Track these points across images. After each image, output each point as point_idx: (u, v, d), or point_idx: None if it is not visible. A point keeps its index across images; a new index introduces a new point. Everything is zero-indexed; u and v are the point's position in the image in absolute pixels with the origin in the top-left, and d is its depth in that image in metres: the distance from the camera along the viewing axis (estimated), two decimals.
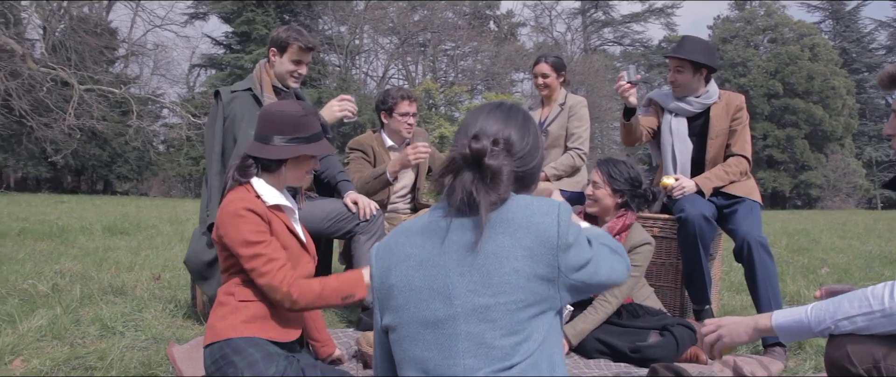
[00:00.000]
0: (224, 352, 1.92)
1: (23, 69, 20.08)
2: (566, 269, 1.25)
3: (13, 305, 3.13)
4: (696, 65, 3.18)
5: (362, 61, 38.01)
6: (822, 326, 1.50)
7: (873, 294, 1.45)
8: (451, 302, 1.24)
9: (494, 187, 1.26)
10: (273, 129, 2.05)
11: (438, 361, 1.25)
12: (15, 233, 6.33)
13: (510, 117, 1.40)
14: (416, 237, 1.33)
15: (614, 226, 2.85)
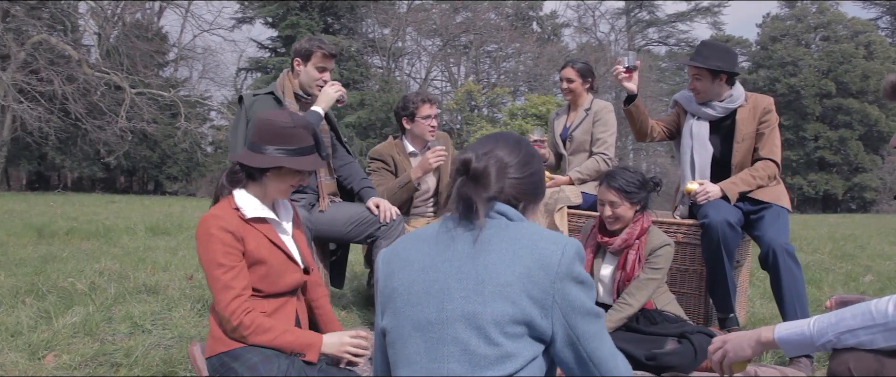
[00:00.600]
0: (223, 361, 1.95)
1: (78, 74, 20.90)
2: (563, 303, 1.26)
3: (51, 302, 3.27)
4: (713, 72, 3.12)
5: (405, 63, 38.29)
6: (824, 339, 1.47)
7: (876, 307, 1.41)
8: (443, 306, 1.28)
9: (484, 185, 1.34)
10: (260, 137, 2.05)
11: (426, 364, 1.28)
12: (64, 232, 6.61)
13: (500, 139, 1.46)
14: (422, 244, 1.39)
15: (633, 233, 2.80)
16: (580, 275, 1.29)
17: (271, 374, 1.89)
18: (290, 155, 2.03)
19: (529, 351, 1.25)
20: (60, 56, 21.29)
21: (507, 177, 1.39)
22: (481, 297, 1.25)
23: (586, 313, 1.28)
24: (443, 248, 1.34)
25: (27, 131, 20.79)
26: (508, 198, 1.40)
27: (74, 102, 20.45)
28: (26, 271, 4.18)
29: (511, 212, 1.37)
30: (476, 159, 1.37)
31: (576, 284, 1.28)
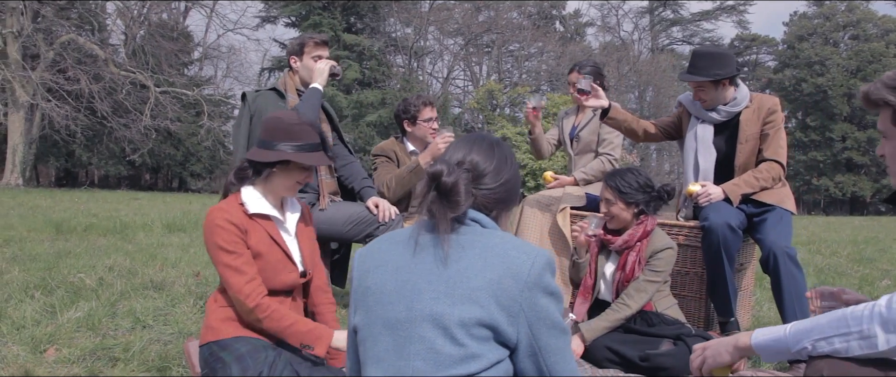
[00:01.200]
0: (212, 351, 1.99)
1: (105, 73, 21.30)
2: (530, 312, 1.27)
3: (59, 297, 3.34)
4: (713, 81, 3.08)
5: (427, 62, 38.36)
6: (800, 346, 1.44)
7: (852, 314, 1.38)
8: (412, 306, 1.29)
9: (454, 203, 1.34)
10: (267, 134, 2.09)
11: (393, 361, 1.29)
12: (82, 228, 6.74)
13: (475, 143, 1.46)
14: (397, 246, 1.41)
15: (634, 235, 2.79)
16: (549, 286, 1.29)
17: (258, 366, 1.92)
18: (297, 151, 2.07)
19: (494, 354, 1.27)
20: (87, 55, 21.73)
21: (480, 187, 1.40)
22: (450, 300, 1.26)
23: (552, 326, 1.29)
24: (417, 251, 1.36)
25: (55, 129, 21.24)
26: (481, 206, 1.40)
27: (100, 101, 20.86)
28: (39, 266, 4.27)
29: (484, 220, 1.38)
30: (447, 173, 1.36)
31: (545, 295, 1.28)
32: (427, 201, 1.35)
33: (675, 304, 2.89)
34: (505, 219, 1.49)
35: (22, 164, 20.83)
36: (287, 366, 1.95)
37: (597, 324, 2.70)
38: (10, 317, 2.96)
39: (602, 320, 2.70)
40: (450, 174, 1.35)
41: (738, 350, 1.54)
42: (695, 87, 3.14)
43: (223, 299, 2.08)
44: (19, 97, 19.98)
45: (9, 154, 20.72)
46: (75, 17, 23.15)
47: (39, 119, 21.86)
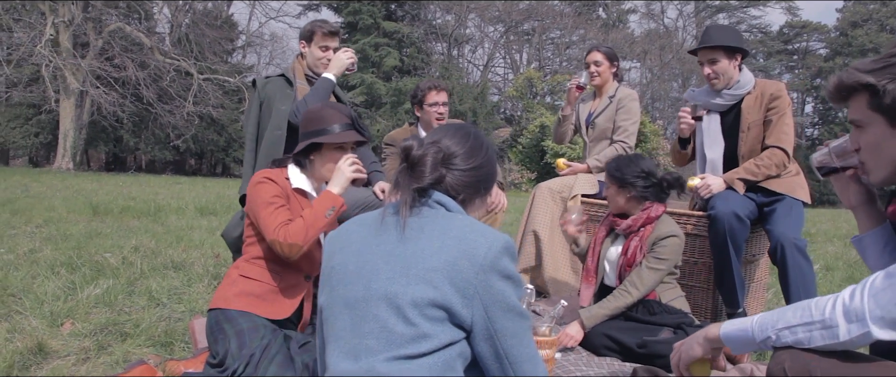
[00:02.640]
0: (218, 319, 2.10)
1: (150, 60, 21.91)
2: (484, 294, 1.28)
3: (82, 275, 3.49)
4: (728, 52, 3.03)
5: (467, 50, 38.28)
6: (764, 336, 1.42)
7: (817, 304, 1.36)
8: (369, 285, 1.32)
9: (418, 174, 1.38)
10: (302, 127, 2.31)
11: (350, 339, 1.32)
12: (118, 210, 6.98)
13: (452, 130, 1.49)
14: (362, 227, 1.44)
15: (638, 220, 2.78)
16: (506, 269, 1.30)
17: (253, 345, 2.00)
18: (317, 134, 2.24)
19: (447, 335, 1.28)
20: (134, 43, 22.38)
21: (450, 167, 1.42)
22: (405, 279, 1.28)
23: (508, 309, 1.30)
24: (379, 232, 1.39)
25: (103, 115, 21.96)
26: (448, 189, 1.42)
27: (146, 88, 21.49)
28: (70, 245, 4.46)
29: (450, 204, 1.40)
30: (416, 147, 1.40)
31: (500, 278, 1.29)
32: (397, 174, 1.40)
33: (681, 296, 2.84)
34: (475, 205, 1.51)
35: (72, 148, 21.60)
36: (281, 349, 2.03)
37: (596, 311, 2.69)
38: (34, 293, 3.11)
39: (602, 308, 2.69)
40: (419, 148, 1.39)
41: (708, 341, 1.53)
42: (707, 60, 3.09)
43: (246, 269, 2.20)
44: (70, 84, 20.70)
45: (60, 139, 21.52)
46: (123, 6, 23.83)
47: (89, 105, 22.62)
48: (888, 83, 1.34)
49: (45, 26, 20.03)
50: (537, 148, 24.96)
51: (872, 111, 1.40)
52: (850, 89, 1.43)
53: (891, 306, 1.23)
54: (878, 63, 1.37)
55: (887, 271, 1.26)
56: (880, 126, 1.39)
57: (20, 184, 11.65)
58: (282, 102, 3.08)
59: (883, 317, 1.24)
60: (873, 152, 1.44)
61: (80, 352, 2.42)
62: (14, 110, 24.50)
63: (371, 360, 1.26)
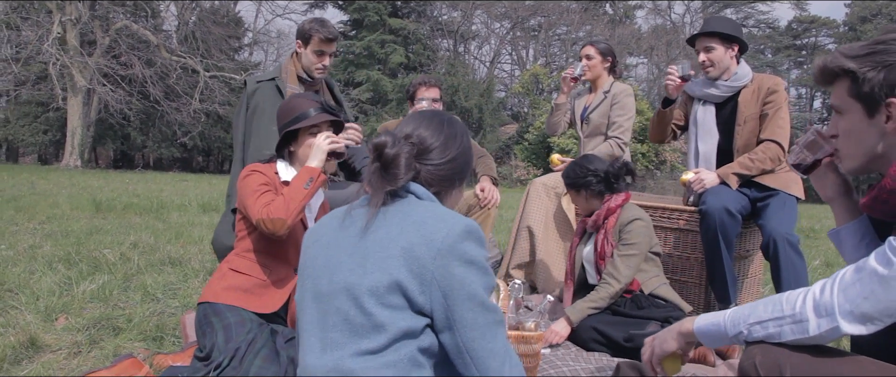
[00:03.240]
0: (206, 313, 2.12)
1: (157, 58, 22.02)
2: (442, 280, 1.23)
3: (79, 271, 3.52)
4: (726, 40, 3.03)
5: (473, 47, 38.23)
6: (736, 331, 1.41)
7: (788, 299, 1.35)
8: (332, 278, 1.31)
9: (391, 176, 1.34)
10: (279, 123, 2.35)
11: (317, 333, 1.32)
12: (121, 207, 7.03)
13: (426, 119, 1.46)
14: (333, 221, 1.43)
15: (601, 214, 2.82)
16: (467, 254, 1.24)
17: (239, 339, 2.02)
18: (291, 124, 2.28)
19: (407, 322, 1.24)
20: (141, 41, 22.49)
21: (424, 162, 1.40)
22: (363, 269, 1.27)
23: (468, 297, 1.24)
24: (347, 225, 1.37)
25: (110, 113, 22.08)
26: (424, 182, 1.40)
27: (153, 86, 21.59)
28: (70, 242, 4.49)
29: (422, 193, 1.38)
30: (390, 145, 1.36)
31: (461, 264, 1.24)
32: (369, 172, 1.36)
33: (665, 284, 2.84)
34: (451, 197, 1.49)
35: (80, 146, 21.74)
36: (267, 343, 2.04)
37: (581, 305, 2.69)
38: (30, 288, 3.14)
39: (586, 301, 2.70)
40: (393, 146, 1.35)
41: (682, 336, 1.52)
42: (703, 48, 3.09)
43: (236, 263, 2.22)
44: (77, 82, 20.83)
45: (68, 137, 21.66)
46: (130, 4, 23.94)
47: (96, 103, 22.76)
48: (869, 71, 1.33)
49: (52, 24, 20.15)
50: (543, 144, 24.92)
51: (852, 98, 1.38)
52: (833, 73, 1.41)
53: (859, 300, 1.23)
54: (863, 49, 1.35)
55: (856, 266, 1.26)
56: (858, 113, 1.38)
57: (27, 181, 11.75)
58: (272, 120, 2.95)
59: (852, 311, 1.24)
60: (848, 139, 1.43)
61: (71, 347, 2.44)
62: (23, 108, 24.68)
63: (337, 354, 1.26)
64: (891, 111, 1.32)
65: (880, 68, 1.32)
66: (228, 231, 3.12)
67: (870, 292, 1.22)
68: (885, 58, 1.32)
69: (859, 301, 1.23)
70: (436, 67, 30.93)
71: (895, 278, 1.19)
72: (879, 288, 1.21)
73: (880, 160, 1.38)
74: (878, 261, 1.23)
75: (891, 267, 1.20)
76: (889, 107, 1.32)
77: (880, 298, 1.21)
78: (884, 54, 1.32)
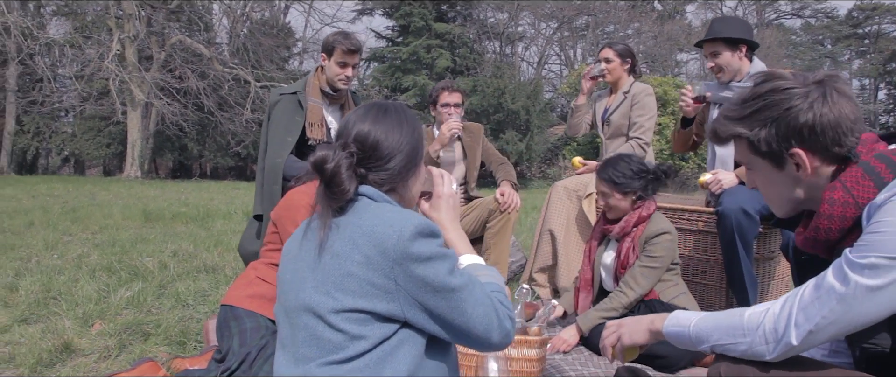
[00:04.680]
0: (227, 316, 2.22)
1: (210, 71, 22.78)
2: (407, 284, 1.26)
3: (119, 278, 3.71)
4: (730, 44, 2.99)
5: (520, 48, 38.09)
6: (703, 346, 1.41)
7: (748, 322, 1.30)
8: (298, 295, 1.34)
9: (336, 193, 1.34)
10: None
11: (290, 347, 1.36)
12: (169, 217, 7.33)
13: (359, 116, 1.44)
14: (301, 234, 1.45)
15: (630, 221, 2.76)
16: (421, 253, 1.26)
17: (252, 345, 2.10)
18: None
19: (379, 332, 1.28)
20: (194, 55, 23.28)
21: (369, 166, 1.39)
22: (325, 288, 1.29)
23: (436, 290, 1.27)
24: (308, 239, 1.39)
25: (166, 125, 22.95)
26: (373, 183, 1.40)
27: (206, 97, 22.33)
28: (115, 250, 4.73)
29: (374, 194, 1.38)
30: (329, 159, 1.34)
31: (420, 263, 1.26)
32: (317, 193, 1.37)
33: (684, 293, 2.81)
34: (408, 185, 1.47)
35: (140, 158, 22.65)
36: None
37: (593, 314, 2.70)
38: (71, 294, 3.33)
39: (598, 310, 2.69)
40: (331, 160, 1.33)
41: (652, 333, 1.53)
42: (709, 53, 3.06)
43: (265, 272, 2.29)
44: (136, 96, 21.72)
45: (129, 149, 22.59)
46: (184, 19, 24.83)
47: (154, 116, 23.68)
48: (759, 130, 1.34)
49: (112, 42, 21.08)
50: (592, 144, 24.62)
51: (755, 156, 1.40)
52: (728, 138, 1.42)
53: (818, 319, 1.22)
54: (745, 110, 1.37)
55: (816, 282, 1.25)
56: (767, 168, 1.40)
57: (89, 192, 12.32)
58: (288, 130, 3.07)
59: (811, 330, 1.22)
60: (768, 190, 1.45)
61: (103, 351, 2.59)
62: (87, 123, 25.85)
63: (307, 366, 1.29)
64: (797, 160, 1.33)
65: (769, 125, 1.33)
66: (252, 237, 3.25)
67: (829, 311, 1.21)
68: (769, 113, 1.33)
69: (818, 319, 1.22)
70: (482, 70, 30.92)
71: (852, 296, 1.18)
72: (838, 306, 1.20)
73: (807, 202, 1.38)
74: (835, 278, 1.21)
75: (847, 284, 1.19)
76: (793, 157, 1.33)
77: (839, 316, 1.20)
78: (766, 111, 1.33)
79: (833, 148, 1.30)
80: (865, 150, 1.30)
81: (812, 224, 1.33)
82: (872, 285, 1.16)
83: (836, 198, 1.28)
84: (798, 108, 1.29)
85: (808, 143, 1.31)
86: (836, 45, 35.96)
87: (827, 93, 1.29)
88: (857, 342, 1.46)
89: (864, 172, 1.26)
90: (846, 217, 1.27)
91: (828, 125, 1.28)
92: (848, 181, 1.27)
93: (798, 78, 1.35)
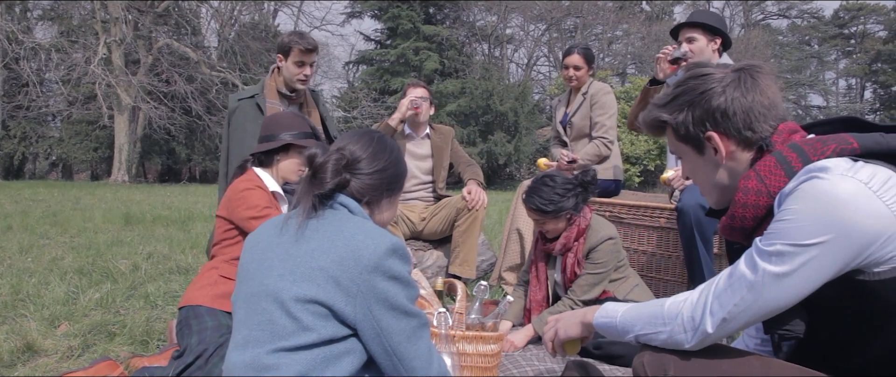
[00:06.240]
0: (187, 315, 2.25)
1: (197, 74, 22.73)
2: (368, 293, 1.33)
3: (90, 280, 3.72)
4: (709, 33, 3.06)
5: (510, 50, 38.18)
6: (628, 336, 1.44)
7: (669, 308, 1.34)
8: (263, 281, 1.41)
9: (319, 180, 1.45)
10: (269, 129, 2.48)
11: (242, 330, 1.42)
12: (150, 219, 7.32)
13: (356, 136, 1.57)
14: (271, 227, 1.53)
15: (570, 236, 2.72)
16: (392, 270, 1.35)
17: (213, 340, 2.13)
18: (295, 137, 2.45)
19: (329, 330, 1.34)
20: (182, 58, 23.23)
21: (354, 172, 1.50)
22: (293, 277, 1.36)
23: (392, 308, 1.35)
24: (284, 231, 1.46)
25: (153, 129, 22.89)
26: (353, 193, 1.49)
27: (194, 101, 22.28)
28: (90, 253, 4.73)
29: (353, 206, 1.47)
30: (320, 155, 1.48)
31: (386, 279, 1.34)
32: (303, 180, 1.49)
33: (638, 286, 2.82)
34: (382, 207, 1.58)
35: (128, 162, 22.57)
36: None
37: (545, 316, 2.73)
38: (39, 296, 3.34)
39: (549, 314, 2.73)
40: (322, 155, 1.47)
41: (584, 325, 1.56)
42: (686, 39, 3.13)
43: (227, 270, 2.34)
44: (123, 100, 21.65)
45: (116, 153, 22.51)
46: (172, 23, 24.77)
47: (142, 120, 23.60)
48: (677, 115, 1.39)
49: (98, 46, 21.02)
50: None
51: (680, 142, 1.44)
52: (657, 126, 1.47)
53: (731, 306, 1.26)
54: (668, 96, 1.42)
55: (729, 272, 1.29)
56: (691, 154, 1.44)
57: (74, 197, 12.28)
58: (253, 135, 3.06)
59: (725, 318, 1.26)
60: (697, 177, 1.49)
61: (65, 351, 2.60)
62: (75, 127, 25.74)
63: (256, 351, 1.34)
64: (714, 144, 1.37)
65: (685, 109, 1.38)
66: None
67: (740, 298, 1.24)
68: (686, 98, 1.38)
69: (731, 307, 1.25)
70: (471, 72, 30.98)
71: (761, 283, 1.22)
72: (749, 294, 1.24)
73: (732, 189, 1.41)
74: (746, 266, 1.25)
75: (756, 272, 1.23)
76: (710, 141, 1.37)
77: (750, 303, 1.24)
78: (684, 95, 1.38)
79: (745, 132, 1.34)
80: (780, 140, 1.33)
81: (729, 211, 1.37)
82: (779, 272, 1.20)
83: (750, 186, 1.31)
84: (712, 92, 1.34)
85: (721, 126, 1.35)
86: (823, 45, 36.25)
87: (741, 78, 1.34)
88: (773, 328, 1.50)
89: (777, 162, 1.29)
90: (759, 205, 1.30)
91: (739, 109, 1.33)
92: (761, 170, 1.31)
93: (722, 67, 1.39)
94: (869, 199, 1.15)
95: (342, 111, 26.27)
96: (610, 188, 3.78)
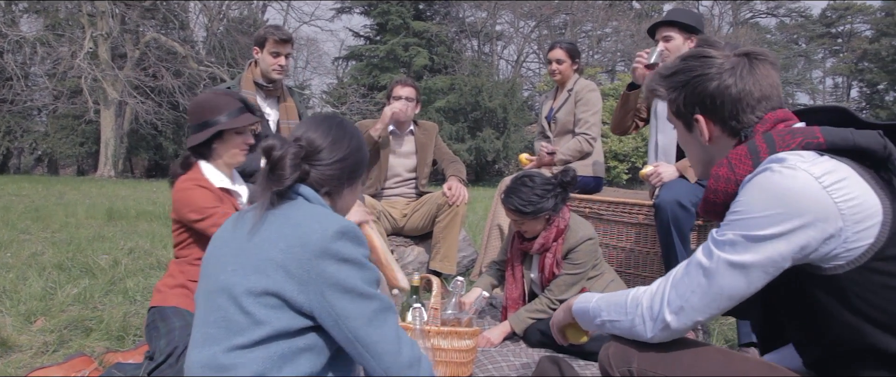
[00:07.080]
0: (154, 317, 2.22)
1: (185, 69, 22.58)
2: (319, 279, 1.30)
3: (69, 275, 3.70)
4: (685, 31, 3.08)
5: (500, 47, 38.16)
6: (597, 320, 1.47)
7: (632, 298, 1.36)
8: (218, 277, 1.39)
9: (277, 177, 1.40)
10: (195, 118, 2.32)
11: (201, 328, 1.41)
12: (133, 215, 7.28)
13: (316, 122, 1.52)
14: (231, 223, 1.50)
15: (549, 236, 2.73)
16: (341, 253, 1.31)
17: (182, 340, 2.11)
18: (226, 119, 2.26)
19: (284, 321, 1.31)
20: (169, 53, 23.06)
21: (314, 163, 1.46)
22: (244, 270, 1.34)
23: (346, 291, 1.31)
24: (239, 226, 1.44)
25: (140, 124, 22.72)
26: (314, 183, 1.46)
27: (181, 96, 22.13)
28: (71, 248, 4.70)
29: (311, 195, 1.44)
30: (278, 147, 1.42)
31: (335, 262, 1.31)
32: (258, 174, 1.44)
33: (613, 281, 2.85)
34: (343, 197, 1.55)
35: (114, 157, 22.41)
36: None
37: (523, 313, 2.74)
38: (17, 292, 3.32)
39: (527, 310, 2.74)
40: (280, 148, 1.41)
41: (568, 312, 1.59)
42: (662, 37, 3.15)
43: (183, 276, 2.29)
44: (109, 95, 21.47)
45: (102, 148, 22.34)
46: (160, 17, 24.58)
47: (129, 114, 23.42)
48: (671, 92, 1.41)
49: (84, 40, 20.83)
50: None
51: (673, 115, 1.46)
52: (657, 95, 1.48)
53: (688, 294, 1.27)
54: (670, 69, 1.43)
55: (687, 261, 1.30)
56: (681, 129, 1.47)
57: (58, 192, 12.17)
58: None
59: (682, 306, 1.28)
60: (686, 149, 1.51)
61: (40, 347, 2.58)
62: (60, 122, 25.49)
63: (213, 349, 1.33)
64: (700, 127, 1.39)
65: (679, 89, 1.39)
66: None
67: (696, 285, 1.26)
68: (682, 77, 1.39)
69: (688, 295, 1.27)
70: (460, 69, 30.95)
71: (715, 269, 1.24)
72: (704, 280, 1.25)
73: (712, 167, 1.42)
74: (703, 254, 1.27)
75: (711, 258, 1.24)
76: (697, 123, 1.38)
77: (705, 291, 1.25)
78: (682, 74, 1.39)
79: (730, 121, 1.36)
80: (762, 130, 1.34)
81: (704, 194, 1.39)
82: (733, 260, 1.22)
83: (721, 174, 1.33)
84: (707, 77, 1.35)
85: (709, 112, 1.37)
86: (810, 43, 36.49)
87: (739, 67, 1.34)
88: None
89: (748, 151, 1.30)
90: (728, 192, 1.31)
91: (729, 98, 1.34)
92: (733, 158, 1.32)
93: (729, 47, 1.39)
94: (816, 194, 1.16)
95: (331, 107, 26.16)
96: (590, 185, 3.80)
